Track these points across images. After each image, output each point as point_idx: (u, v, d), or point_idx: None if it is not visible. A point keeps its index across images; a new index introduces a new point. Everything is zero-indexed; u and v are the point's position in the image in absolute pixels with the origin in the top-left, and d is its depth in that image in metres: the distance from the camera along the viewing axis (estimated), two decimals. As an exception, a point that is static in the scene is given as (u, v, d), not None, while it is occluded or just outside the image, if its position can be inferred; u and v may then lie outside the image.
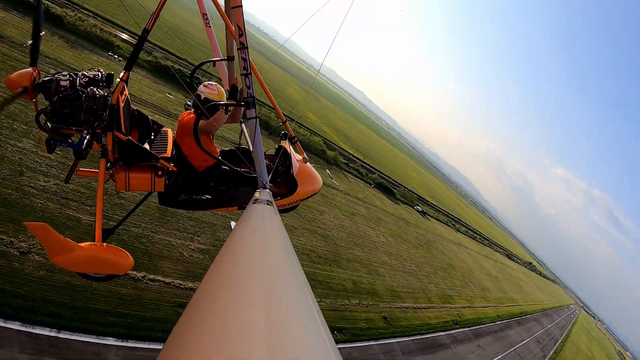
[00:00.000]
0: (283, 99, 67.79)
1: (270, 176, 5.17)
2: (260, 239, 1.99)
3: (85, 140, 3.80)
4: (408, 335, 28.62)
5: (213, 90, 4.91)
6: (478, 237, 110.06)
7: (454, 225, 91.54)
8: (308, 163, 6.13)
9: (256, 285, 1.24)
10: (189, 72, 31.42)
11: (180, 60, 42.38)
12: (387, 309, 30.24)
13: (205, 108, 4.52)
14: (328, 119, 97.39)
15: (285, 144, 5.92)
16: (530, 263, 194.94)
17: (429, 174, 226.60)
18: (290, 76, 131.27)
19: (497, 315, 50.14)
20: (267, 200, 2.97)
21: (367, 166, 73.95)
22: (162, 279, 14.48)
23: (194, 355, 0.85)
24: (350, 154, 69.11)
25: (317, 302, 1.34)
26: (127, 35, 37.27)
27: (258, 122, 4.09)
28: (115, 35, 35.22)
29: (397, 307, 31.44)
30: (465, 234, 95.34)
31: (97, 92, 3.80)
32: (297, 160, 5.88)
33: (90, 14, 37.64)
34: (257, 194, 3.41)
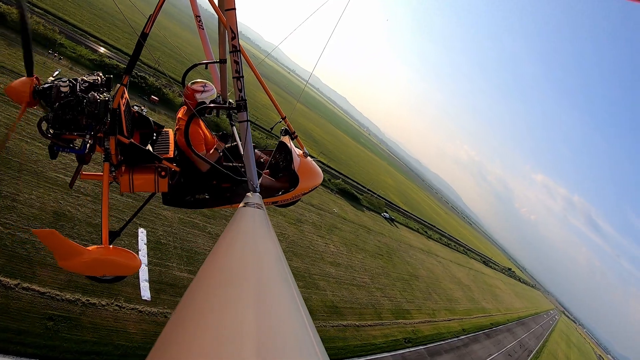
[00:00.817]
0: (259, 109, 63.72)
1: (270, 171, 5.67)
2: (250, 242, 2.00)
3: (88, 145, 3.81)
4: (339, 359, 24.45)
5: (210, 90, 4.81)
6: (453, 243, 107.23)
7: (426, 232, 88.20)
8: (309, 157, 6.03)
9: (245, 288, 1.26)
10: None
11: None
12: (319, 327, 26.02)
13: (197, 111, 4.50)
14: (297, 122, 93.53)
15: (286, 139, 5.77)
16: (510, 269, 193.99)
17: (407, 180, 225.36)
18: (274, 85, 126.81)
19: (463, 329, 46.23)
20: (256, 204, 2.97)
21: (332, 170, 70.19)
22: (38, 289, 13.60)
23: (183, 357, 0.85)
24: (314, 157, 65.04)
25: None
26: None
27: (249, 126, 4.01)
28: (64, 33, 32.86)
29: (333, 326, 27.16)
30: (438, 241, 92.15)
31: (98, 97, 3.75)
32: (298, 155, 5.78)
33: (42, 11, 34.88)
34: (247, 198, 3.41)
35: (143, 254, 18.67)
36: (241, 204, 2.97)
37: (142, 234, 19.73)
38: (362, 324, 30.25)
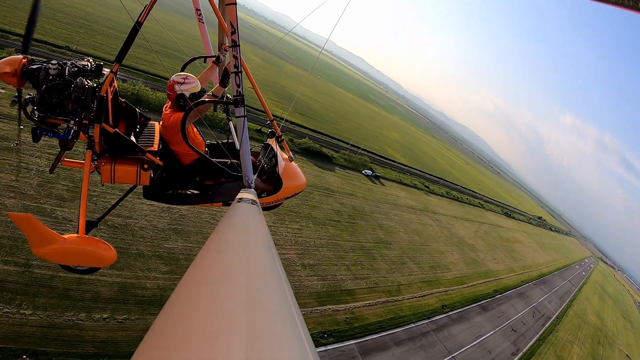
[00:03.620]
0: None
1: (256, 174, 5.23)
2: (243, 238, 1.98)
3: (72, 131, 3.70)
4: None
5: (191, 83, 4.65)
6: (465, 197, 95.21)
7: (427, 187, 76.75)
8: (293, 162, 5.95)
9: (236, 284, 1.25)
10: None
11: None
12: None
13: (193, 104, 4.33)
14: (271, 81, 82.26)
15: (272, 142, 5.68)
16: (540, 217, 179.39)
17: (422, 133, 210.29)
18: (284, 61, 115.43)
19: (443, 306, 36.20)
20: (251, 199, 2.93)
21: (299, 129, 59.62)
22: None
23: (172, 354, 0.84)
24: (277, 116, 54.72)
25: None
26: None
27: (246, 121, 3.90)
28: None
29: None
30: (444, 196, 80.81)
31: (86, 83, 3.64)
32: (283, 159, 5.66)
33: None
34: (241, 193, 3.32)
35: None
36: (236, 199, 2.95)
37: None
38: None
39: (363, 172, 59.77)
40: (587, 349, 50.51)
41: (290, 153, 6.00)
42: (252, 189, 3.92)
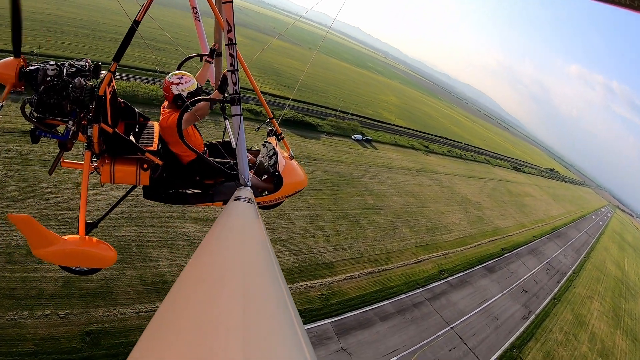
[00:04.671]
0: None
1: (254, 171, 5.43)
2: (239, 237, 1.97)
3: (71, 132, 3.67)
4: None
5: (187, 82, 4.55)
6: (470, 154, 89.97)
7: (426, 147, 71.72)
8: (294, 160, 5.82)
9: (232, 284, 1.25)
10: None
11: None
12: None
13: (190, 103, 4.23)
14: (265, 60, 76.67)
15: (272, 141, 5.53)
16: (552, 169, 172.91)
17: (424, 95, 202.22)
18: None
19: (441, 271, 32.18)
20: (247, 198, 2.94)
21: (279, 102, 54.53)
22: None
23: (168, 353, 0.84)
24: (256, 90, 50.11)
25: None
26: None
27: (242, 120, 3.90)
28: None
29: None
30: (446, 154, 76.06)
31: (84, 83, 3.63)
32: (284, 157, 5.55)
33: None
34: (238, 192, 3.36)
35: None
36: (232, 198, 2.97)
37: None
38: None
39: (352, 137, 55.34)
40: (607, 303, 46.50)
41: (291, 151, 5.81)
42: (249, 188, 3.95)
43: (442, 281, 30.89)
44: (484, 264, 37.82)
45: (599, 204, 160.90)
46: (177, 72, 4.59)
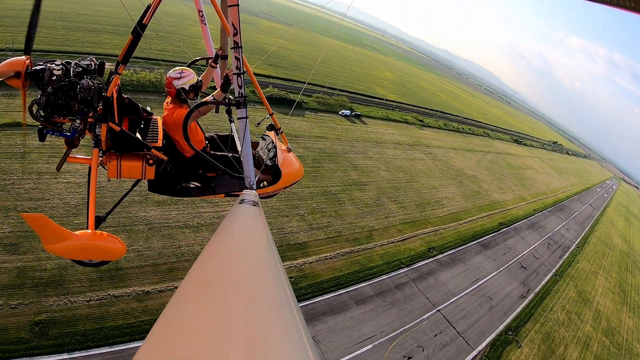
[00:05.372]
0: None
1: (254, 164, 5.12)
2: (245, 240, 1.98)
3: (78, 130, 3.72)
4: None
5: (187, 77, 4.59)
6: (469, 127, 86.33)
7: (420, 120, 68.04)
8: (291, 153, 6.01)
9: (237, 287, 1.26)
10: None
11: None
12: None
13: (195, 106, 4.31)
14: (250, 40, 72.31)
15: (271, 134, 5.73)
16: (556, 142, 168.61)
17: (422, 70, 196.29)
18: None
19: (430, 249, 29.31)
20: (253, 201, 2.83)
21: (263, 81, 50.97)
22: None
23: (173, 354, 0.85)
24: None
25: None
26: None
27: (248, 122, 3.84)
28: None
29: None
30: (442, 128, 72.57)
31: (92, 84, 3.65)
32: (282, 150, 5.76)
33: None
34: (243, 195, 3.23)
35: None
36: (237, 201, 2.90)
37: None
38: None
39: (340, 112, 51.90)
40: (613, 278, 43.69)
41: (288, 144, 5.96)
42: (254, 191, 3.82)
43: (431, 259, 28.03)
44: (478, 240, 34.89)
45: (603, 176, 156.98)
46: (177, 68, 4.59)
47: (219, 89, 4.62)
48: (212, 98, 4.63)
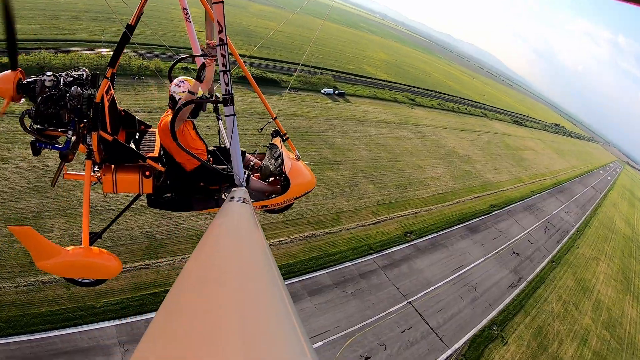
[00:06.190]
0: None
1: (260, 174, 5.39)
2: (236, 238, 1.95)
3: (71, 142, 3.63)
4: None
5: (185, 87, 4.40)
6: (465, 107, 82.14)
7: (412, 100, 63.98)
8: (300, 160, 5.67)
9: (230, 285, 1.24)
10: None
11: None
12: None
13: (182, 104, 4.06)
14: (236, 22, 67.97)
15: (277, 142, 5.51)
16: (558, 124, 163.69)
17: (420, 52, 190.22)
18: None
19: (407, 232, 25.86)
20: (242, 198, 2.89)
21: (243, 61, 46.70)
22: None
23: (172, 353, 0.85)
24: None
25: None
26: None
27: (235, 120, 3.81)
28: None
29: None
30: (435, 107, 68.67)
31: (81, 91, 3.57)
32: (289, 158, 5.46)
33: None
34: (233, 192, 3.29)
35: None
36: (227, 199, 2.92)
37: None
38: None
39: (322, 91, 48.49)
40: (616, 265, 40.25)
41: (297, 152, 5.68)
42: (244, 188, 3.86)
43: (406, 244, 24.59)
44: (466, 223, 31.39)
45: (607, 159, 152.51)
46: (180, 77, 4.45)
47: (194, 79, 4.01)
48: (187, 92, 4.06)
